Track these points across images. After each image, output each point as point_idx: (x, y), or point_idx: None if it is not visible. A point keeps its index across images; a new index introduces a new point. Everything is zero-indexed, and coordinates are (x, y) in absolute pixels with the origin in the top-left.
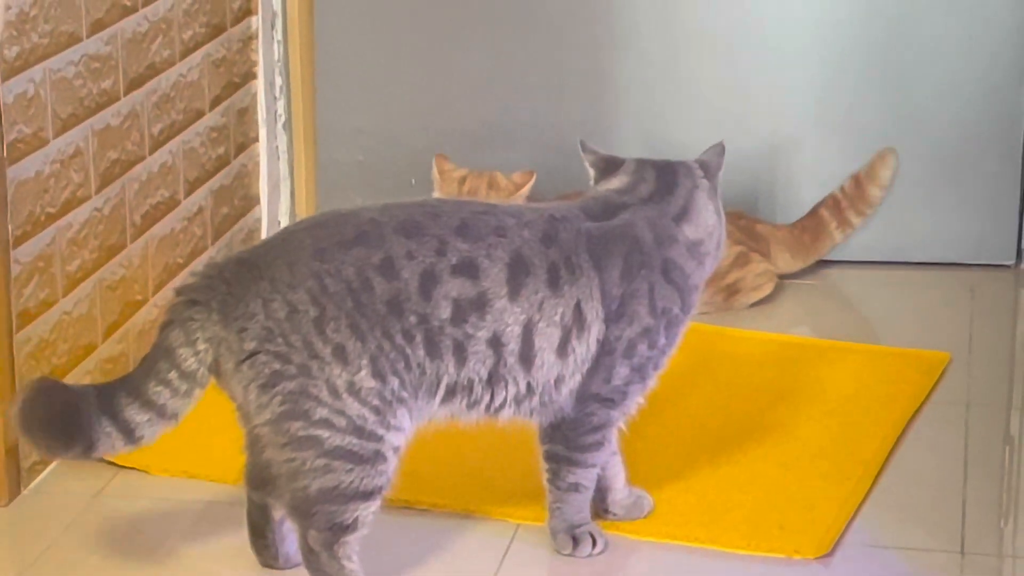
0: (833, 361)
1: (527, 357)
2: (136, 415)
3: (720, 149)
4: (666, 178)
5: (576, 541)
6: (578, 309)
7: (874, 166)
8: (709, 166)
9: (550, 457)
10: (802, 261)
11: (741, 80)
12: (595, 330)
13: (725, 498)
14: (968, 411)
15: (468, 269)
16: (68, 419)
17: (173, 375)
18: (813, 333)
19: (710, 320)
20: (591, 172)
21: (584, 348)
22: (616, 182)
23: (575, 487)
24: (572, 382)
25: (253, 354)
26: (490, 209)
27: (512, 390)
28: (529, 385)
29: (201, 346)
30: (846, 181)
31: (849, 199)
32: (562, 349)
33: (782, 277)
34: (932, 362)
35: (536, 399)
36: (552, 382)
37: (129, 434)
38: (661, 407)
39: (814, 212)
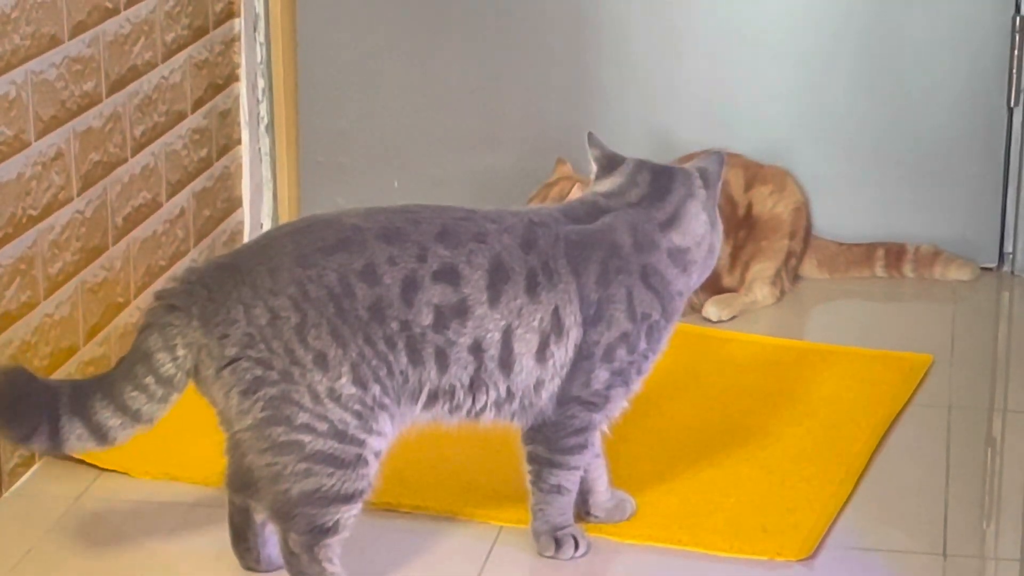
0: (816, 363)
1: (506, 362)
2: (110, 419)
3: (720, 159)
4: (660, 183)
5: (559, 543)
6: (556, 314)
7: (955, 265)
8: (709, 175)
9: (532, 459)
10: (827, 274)
11: (727, 84)
12: (573, 335)
13: (707, 500)
14: (950, 413)
15: (449, 275)
16: (29, 409)
17: (150, 380)
18: (796, 336)
19: (693, 322)
20: (593, 167)
21: (562, 353)
22: (608, 183)
23: (557, 489)
24: (552, 386)
25: (234, 360)
26: (471, 215)
27: (493, 395)
28: (509, 390)
29: (180, 351)
30: (925, 245)
31: (917, 259)
32: (541, 354)
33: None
34: (915, 364)
35: (516, 403)
36: (532, 386)
37: (102, 437)
38: (644, 410)
39: (870, 247)
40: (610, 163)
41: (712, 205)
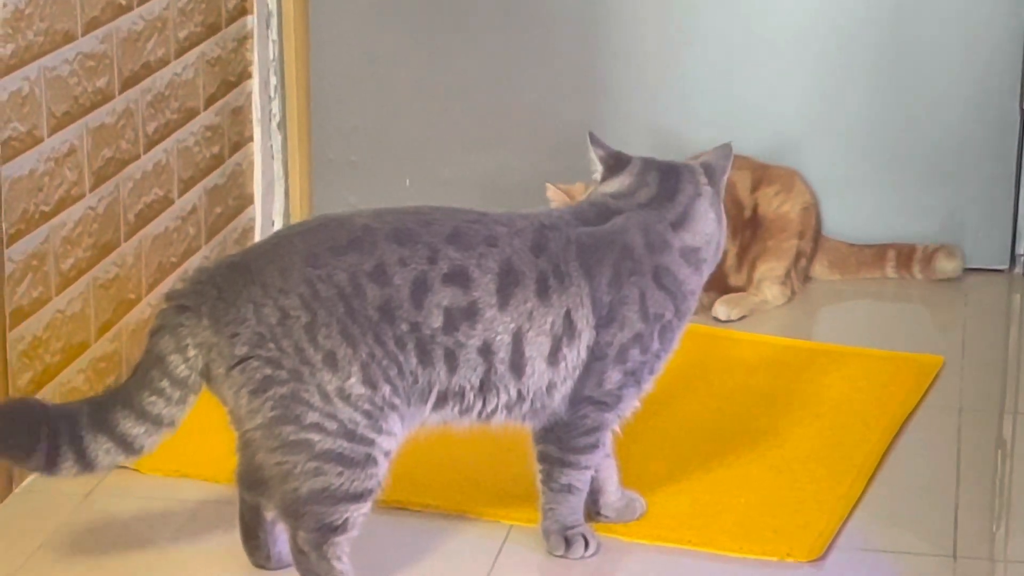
0: (826, 364)
1: (517, 365)
2: (132, 428)
3: (727, 151)
4: (669, 183)
5: (569, 543)
6: (568, 318)
7: (940, 261)
8: (714, 170)
9: (543, 458)
10: (838, 275)
11: (738, 83)
12: (586, 337)
13: (717, 501)
14: (961, 415)
15: (459, 278)
16: (42, 437)
17: (165, 383)
18: (807, 336)
19: (704, 323)
20: (599, 167)
21: (575, 355)
22: (617, 184)
23: (568, 488)
24: (564, 388)
25: (244, 359)
26: (481, 218)
27: (503, 397)
28: (520, 392)
29: (191, 352)
30: (934, 245)
31: (923, 259)
32: (552, 357)
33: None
34: (925, 366)
35: (528, 405)
36: (543, 389)
37: (128, 447)
38: (655, 410)
39: (881, 248)
40: (617, 163)
41: (718, 201)
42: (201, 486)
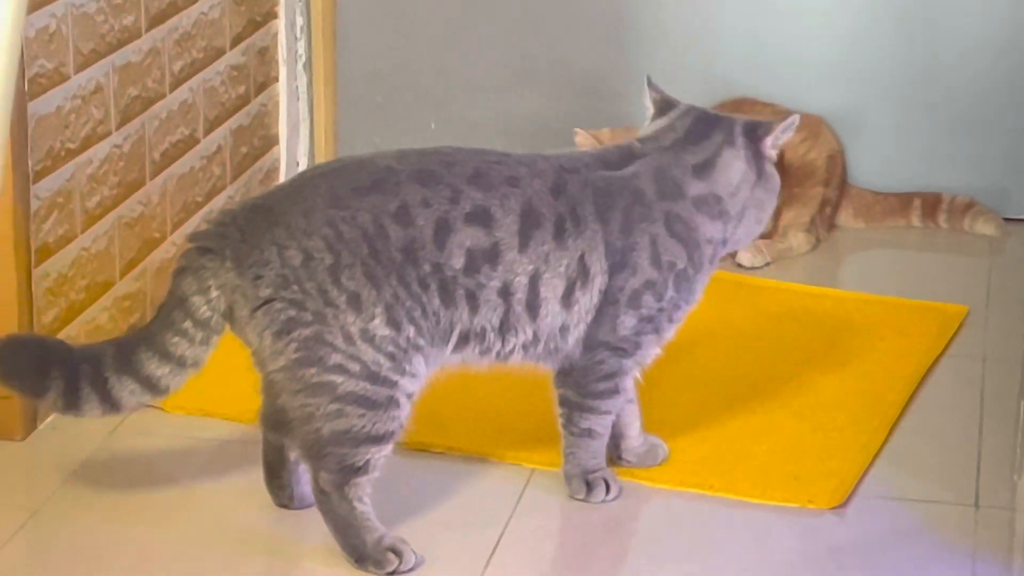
0: (851, 312)
1: (533, 306)
2: (157, 369)
3: (790, 122)
4: (699, 129)
5: (590, 487)
6: (582, 261)
7: (982, 219)
8: (756, 127)
9: (563, 402)
10: (863, 223)
11: (765, 29)
12: (599, 281)
13: (740, 447)
14: (985, 365)
15: (481, 218)
16: (58, 375)
17: (188, 324)
18: (831, 284)
19: (728, 269)
20: (650, 110)
21: (588, 298)
22: (652, 128)
23: (588, 433)
24: (577, 331)
25: (268, 301)
26: (503, 159)
27: (521, 337)
28: (535, 333)
29: (214, 293)
30: (960, 196)
31: (951, 210)
32: (566, 299)
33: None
34: (950, 315)
35: (542, 346)
36: (557, 330)
37: (153, 387)
38: (677, 356)
39: (906, 197)
40: (663, 108)
41: (756, 160)
42: (225, 425)
